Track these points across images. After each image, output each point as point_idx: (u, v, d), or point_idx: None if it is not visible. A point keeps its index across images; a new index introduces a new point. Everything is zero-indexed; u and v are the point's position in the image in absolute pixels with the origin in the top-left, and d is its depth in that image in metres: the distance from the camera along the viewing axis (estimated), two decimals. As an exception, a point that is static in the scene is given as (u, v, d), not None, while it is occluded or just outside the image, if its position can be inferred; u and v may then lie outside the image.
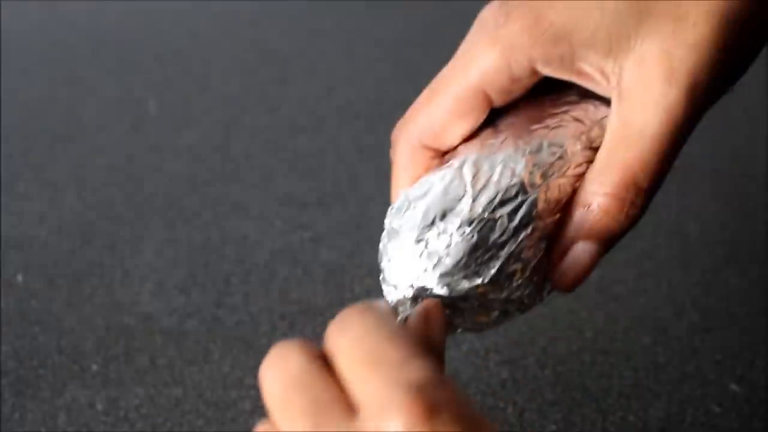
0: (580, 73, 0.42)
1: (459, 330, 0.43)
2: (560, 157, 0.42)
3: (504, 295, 0.41)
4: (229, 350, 0.68)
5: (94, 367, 0.67)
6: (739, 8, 0.40)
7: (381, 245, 0.43)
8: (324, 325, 0.69)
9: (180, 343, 0.69)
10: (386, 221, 0.43)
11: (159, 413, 0.64)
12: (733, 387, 0.65)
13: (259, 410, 0.63)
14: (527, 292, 0.42)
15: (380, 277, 0.43)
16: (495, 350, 0.67)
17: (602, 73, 0.41)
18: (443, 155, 0.44)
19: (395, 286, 0.41)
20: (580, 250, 0.42)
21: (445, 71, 0.44)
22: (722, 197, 0.83)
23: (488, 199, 0.40)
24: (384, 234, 0.43)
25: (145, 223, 0.81)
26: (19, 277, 0.75)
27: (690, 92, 0.40)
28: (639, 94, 0.41)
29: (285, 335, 0.69)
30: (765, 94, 0.97)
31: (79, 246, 0.78)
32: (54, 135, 0.93)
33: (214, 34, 1.14)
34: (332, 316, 0.59)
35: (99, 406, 0.64)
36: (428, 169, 0.44)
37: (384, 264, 0.42)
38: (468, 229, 0.40)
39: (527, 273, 0.42)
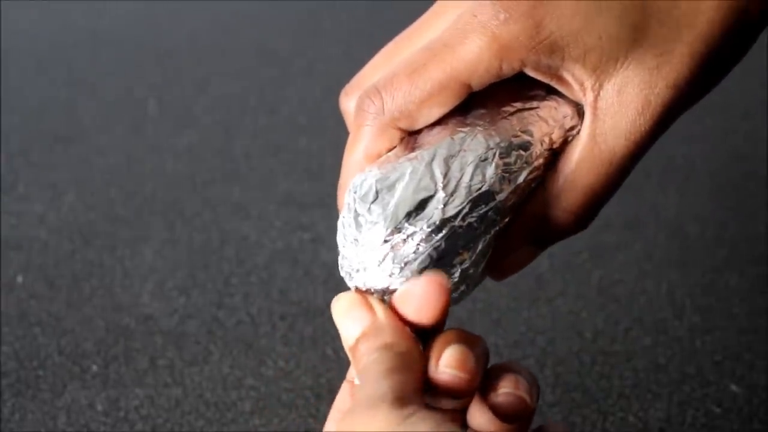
0: (560, 79, 0.42)
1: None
2: (525, 162, 0.43)
3: (456, 294, 0.42)
4: (229, 351, 0.68)
5: (94, 367, 0.67)
6: (719, 52, 0.41)
7: (341, 222, 0.42)
8: (324, 326, 0.70)
9: (180, 343, 0.69)
10: (348, 198, 0.42)
11: (159, 414, 0.64)
12: (733, 387, 0.65)
13: (258, 411, 0.63)
14: (471, 286, 0.43)
15: (339, 255, 0.43)
16: (495, 350, 0.67)
17: (581, 85, 0.42)
18: (408, 134, 0.44)
19: (357, 270, 0.42)
20: (524, 251, 0.44)
21: (430, 50, 0.43)
22: (722, 197, 0.83)
23: (459, 205, 0.41)
24: (347, 213, 0.42)
25: (145, 223, 0.81)
26: (19, 278, 0.75)
27: (660, 124, 0.42)
28: (613, 119, 0.42)
29: (285, 336, 0.69)
30: (765, 94, 0.97)
31: (79, 246, 0.78)
32: (54, 136, 0.93)
33: (214, 34, 1.14)
34: (332, 316, 0.59)
35: (99, 407, 0.64)
36: (390, 149, 0.44)
37: (348, 249, 0.42)
38: (436, 237, 0.41)
39: (479, 272, 0.43)
